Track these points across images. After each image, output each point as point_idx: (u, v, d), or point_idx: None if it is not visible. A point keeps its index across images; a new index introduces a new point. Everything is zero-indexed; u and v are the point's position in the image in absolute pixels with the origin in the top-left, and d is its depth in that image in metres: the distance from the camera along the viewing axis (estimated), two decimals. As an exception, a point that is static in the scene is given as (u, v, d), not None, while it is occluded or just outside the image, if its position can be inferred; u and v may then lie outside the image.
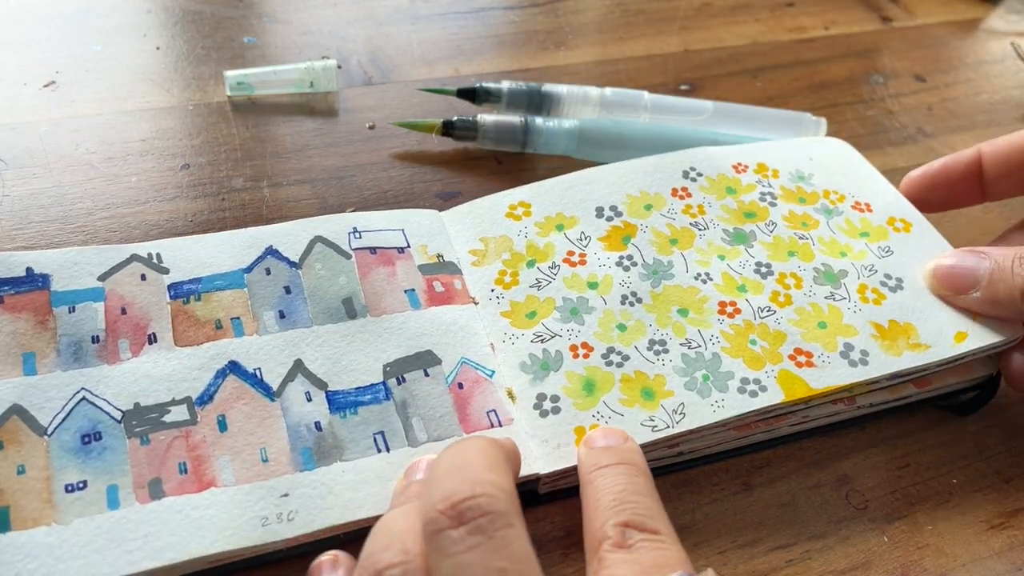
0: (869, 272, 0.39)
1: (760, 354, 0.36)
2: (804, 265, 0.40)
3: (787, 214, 0.42)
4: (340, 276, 0.37)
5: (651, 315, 0.37)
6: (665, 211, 0.41)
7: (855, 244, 0.41)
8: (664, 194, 0.42)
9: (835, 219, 0.42)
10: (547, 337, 0.36)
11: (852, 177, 0.45)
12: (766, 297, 0.38)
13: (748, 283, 0.39)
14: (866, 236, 0.41)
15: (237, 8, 0.55)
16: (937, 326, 0.37)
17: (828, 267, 0.40)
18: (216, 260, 0.36)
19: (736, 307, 0.37)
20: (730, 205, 0.42)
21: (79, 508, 0.29)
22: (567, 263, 0.39)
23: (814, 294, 0.38)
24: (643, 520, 0.28)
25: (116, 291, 0.35)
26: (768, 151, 0.46)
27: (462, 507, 0.25)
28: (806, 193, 0.43)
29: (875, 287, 0.39)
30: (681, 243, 0.40)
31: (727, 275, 0.39)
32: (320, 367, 0.34)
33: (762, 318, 0.37)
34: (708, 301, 0.38)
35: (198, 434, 0.31)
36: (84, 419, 0.31)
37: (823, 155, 0.46)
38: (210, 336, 0.34)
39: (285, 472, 0.30)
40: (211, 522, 0.29)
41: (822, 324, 0.37)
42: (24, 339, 0.33)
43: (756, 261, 0.40)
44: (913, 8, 0.65)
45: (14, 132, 0.44)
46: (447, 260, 0.39)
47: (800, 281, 0.39)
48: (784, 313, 0.37)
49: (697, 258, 0.39)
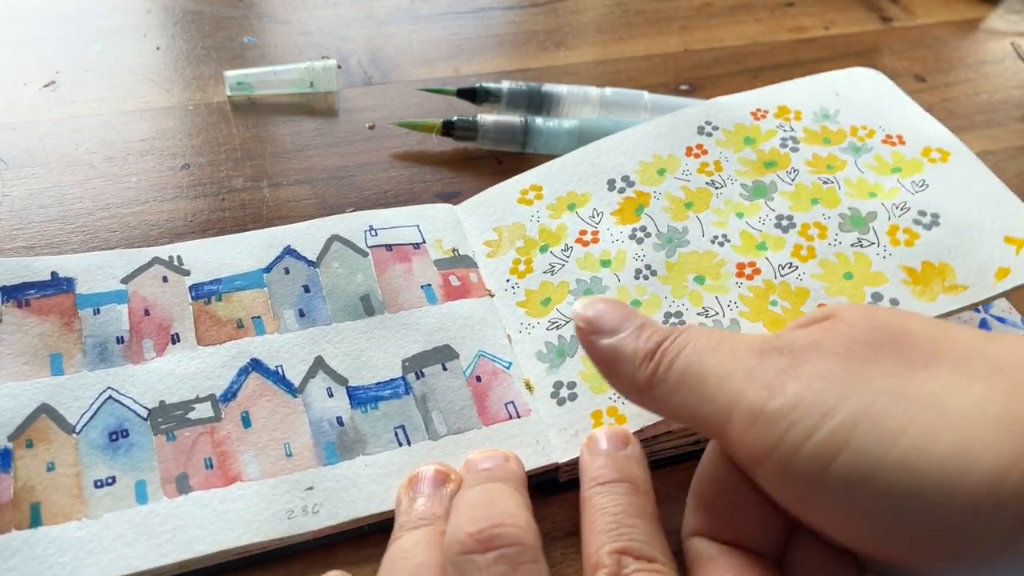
0: (901, 211, 0.39)
1: (781, 315, 0.36)
2: (828, 212, 0.39)
3: (810, 158, 0.42)
4: (357, 274, 0.39)
5: (666, 287, 0.38)
6: (680, 173, 0.42)
7: (885, 182, 0.40)
8: (678, 155, 0.43)
9: (863, 157, 0.41)
10: (562, 323, 0.38)
11: (883, 108, 0.44)
12: (787, 252, 0.38)
13: (768, 239, 0.39)
14: (898, 171, 0.40)
15: (237, 8, 0.58)
16: (976, 263, 0.36)
17: (855, 211, 0.39)
18: (236, 261, 0.39)
19: (755, 267, 0.38)
20: (749, 157, 0.42)
21: (109, 503, 0.31)
22: (580, 243, 0.40)
23: (839, 243, 0.38)
24: (639, 547, 0.28)
25: (139, 293, 0.37)
26: (790, 91, 0.46)
27: (491, 533, 0.27)
28: (831, 132, 0.43)
29: (907, 227, 0.38)
30: (696, 206, 0.41)
31: (746, 234, 0.39)
32: (340, 363, 0.36)
33: (783, 276, 0.37)
34: (725, 264, 0.38)
35: (223, 430, 0.34)
36: (111, 417, 0.33)
37: (850, 88, 0.45)
38: (232, 335, 0.36)
39: (309, 466, 0.33)
40: (238, 515, 0.31)
41: (848, 275, 0.37)
42: (51, 341, 0.35)
43: (777, 214, 0.40)
44: (913, 8, 0.67)
45: (14, 132, 0.46)
46: (463, 254, 0.41)
47: (824, 230, 0.39)
48: (807, 268, 0.37)
49: (714, 219, 0.40)
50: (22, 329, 0.35)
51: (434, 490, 0.32)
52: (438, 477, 0.32)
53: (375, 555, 0.32)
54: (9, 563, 0.29)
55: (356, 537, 0.33)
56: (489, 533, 0.27)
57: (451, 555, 0.27)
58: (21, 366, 0.34)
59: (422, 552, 0.28)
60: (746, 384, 0.27)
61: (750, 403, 0.27)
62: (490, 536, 0.27)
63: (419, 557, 0.28)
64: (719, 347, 0.29)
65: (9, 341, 0.35)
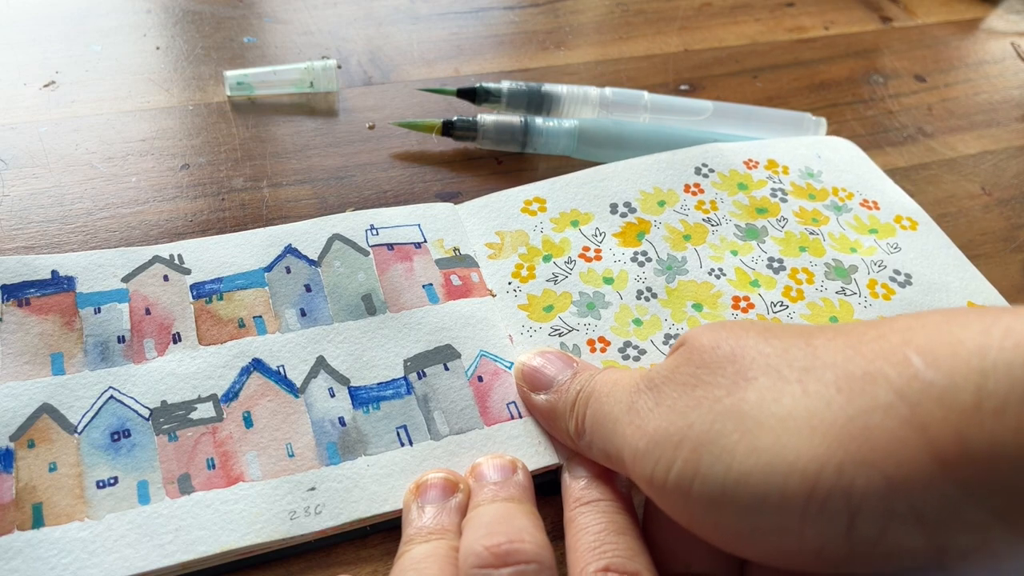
0: (879, 268, 0.42)
1: None
2: (815, 260, 0.42)
3: (798, 210, 0.45)
4: (359, 273, 0.39)
5: (666, 310, 0.40)
6: (678, 207, 0.44)
7: (864, 240, 0.44)
8: (677, 190, 0.45)
9: (844, 216, 0.45)
10: (564, 331, 0.38)
11: (859, 175, 0.48)
12: (779, 292, 0.41)
13: (761, 278, 0.41)
14: (875, 233, 0.44)
15: (237, 8, 0.58)
16: None
17: (839, 262, 0.42)
18: (237, 260, 0.39)
19: (749, 301, 0.40)
20: (742, 201, 0.45)
21: (111, 504, 0.31)
22: (583, 258, 0.42)
23: (825, 289, 0.41)
24: (623, 563, 0.28)
25: (140, 292, 0.37)
26: (778, 148, 0.49)
27: (509, 548, 0.27)
28: (815, 190, 0.46)
29: (884, 282, 0.42)
30: (694, 239, 0.43)
31: (740, 270, 0.42)
32: (342, 363, 0.36)
33: (775, 312, 0.40)
34: (722, 296, 0.40)
35: (225, 430, 0.34)
36: (113, 417, 0.33)
37: (830, 153, 0.49)
38: (233, 335, 0.36)
39: (311, 467, 0.33)
40: (240, 516, 0.31)
41: (833, 318, 0.40)
42: (51, 340, 0.35)
43: (768, 256, 0.42)
44: (913, 8, 0.68)
45: (14, 132, 0.46)
46: (464, 253, 0.41)
47: (812, 276, 0.42)
48: (796, 308, 0.40)
49: (711, 253, 0.42)
50: (23, 328, 0.35)
51: (443, 500, 0.32)
52: (447, 487, 0.32)
53: (376, 555, 0.32)
54: (11, 564, 0.29)
55: (357, 538, 0.33)
56: (507, 548, 0.27)
57: (466, 568, 0.27)
58: (22, 366, 0.34)
59: (434, 566, 0.28)
60: (626, 425, 0.29)
61: (631, 444, 0.28)
62: (508, 551, 0.27)
63: (431, 570, 0.28)
64: (612, 392, 0.31)
65: (10, 340, 0.35)
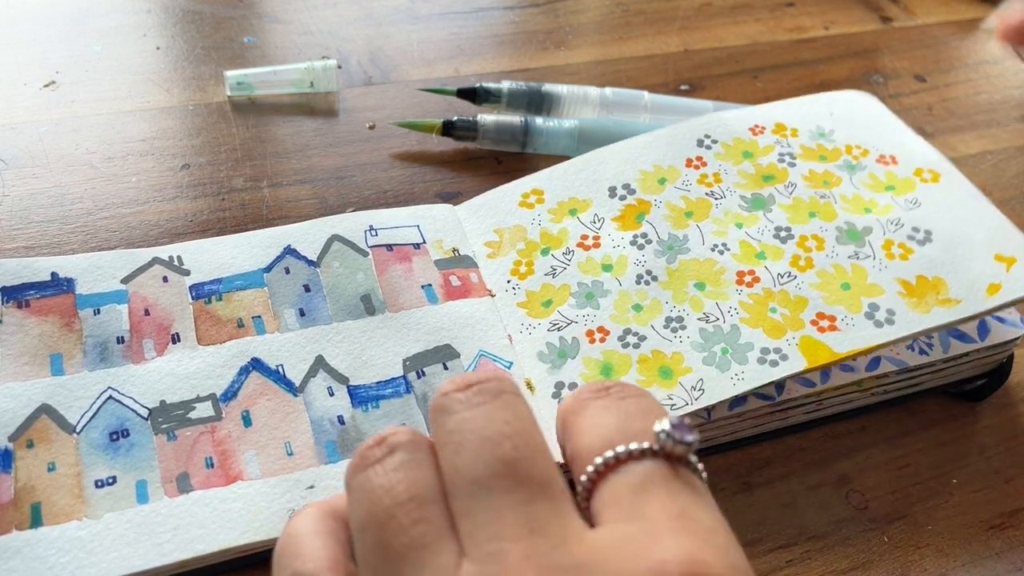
0: (895, 227, 0.40)
1: (780, 322, 0.37)
2: (826, 225, 0.41)
3: (807, 173, 0.43)
4: (358, 273, 0.39)
5: (667, 292, 0.39)
6: (679, 183, 0.43)
7: (880, 198, 0.41)
8: (678, 166, 0.44)
9: (858, 174, 0.43)
10: (563, 324, 0.38)
11: (876, 130, 0.45)
12: (786, 262, 0.39)
13: (767, 249, 0.40)
14: (892, 190, 0.42)
15: (237, 8, 0.58)
16: (968, 279, 0.37)
17: (851, 225, 0.40)
18: (236, 261, 0.39)
19: (755, 275, 0.39)
20: (747, 170, 0.44)
21: (109, 503, 0.31)
22: (581, 247, 0.41)
23: (836, 255, 0.39)
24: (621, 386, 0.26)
25: (139, 293, 0.37)
26: (786, 110, 0.47)
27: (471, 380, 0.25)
28: (827, 150, 0.44)
29: (902, 242, 0.39)
30: (697, 215, 0.42)
31: (745, 243, 0.40)
32: (341, 362, 0.36)
33: (782, 284, 0.38)
34: (725, 272, 0.39)
35: (223, 430, 0.34)
36: (112, 417, 0.33)
37: (844, 109, 0.46)
38: (232, 335, 0.37)
39: (310, 465, 0.33)
40: (239, 514, 0.31)
41: (845, 285, 0.38)
42: (51, 341, 0.35)
43: (775, 226, 0.41)
44: (913, 8, 0.68)
45: (14, 132, 0.46)
46: (463, 254, 0.41)
47: (821, 242, 0.40)
48: (805, 277, 0.38)
49: (713, 228, 0.41)
50: (22, 329, 0.35)
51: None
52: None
53: (376, 555, 0.33)
54: (10, 563, 0.29)
55: (357, 537, 0.33)
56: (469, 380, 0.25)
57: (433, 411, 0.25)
58: (21, 366, 0.34)
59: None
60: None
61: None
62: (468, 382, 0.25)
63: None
64: None
65: (9, 342, 0.35)
